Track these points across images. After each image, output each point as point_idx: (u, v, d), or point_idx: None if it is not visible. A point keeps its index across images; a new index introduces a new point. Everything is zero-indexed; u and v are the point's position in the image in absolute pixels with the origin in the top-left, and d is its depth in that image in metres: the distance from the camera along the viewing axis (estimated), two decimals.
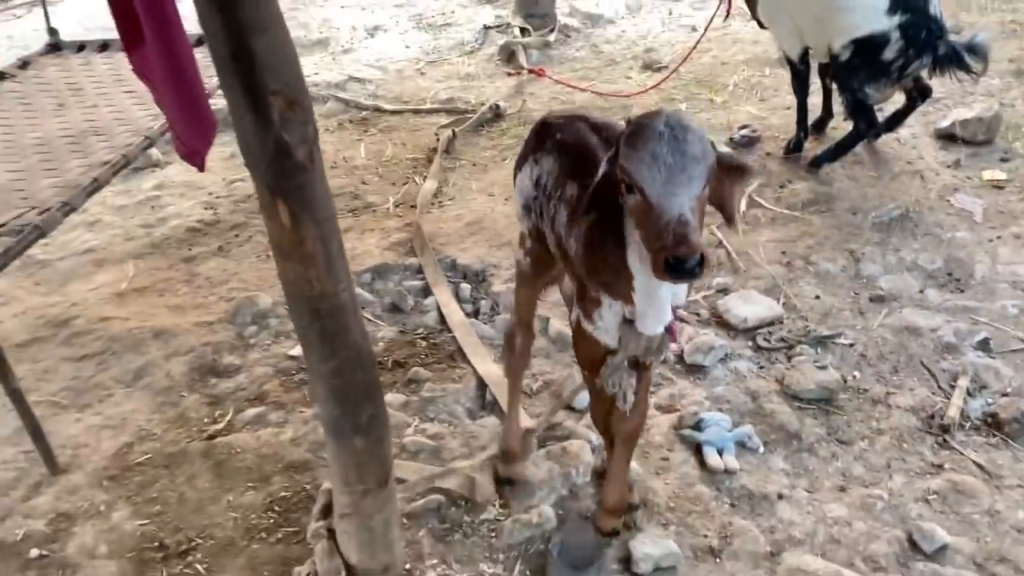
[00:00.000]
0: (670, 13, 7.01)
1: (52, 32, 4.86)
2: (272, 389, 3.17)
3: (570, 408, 2.94)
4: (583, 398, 2.91)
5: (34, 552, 2.50)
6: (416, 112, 5.63)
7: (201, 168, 1.95)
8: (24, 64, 4.64)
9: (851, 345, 3.14)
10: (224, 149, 4.75)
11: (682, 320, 3.32)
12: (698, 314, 3.38)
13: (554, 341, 3.28)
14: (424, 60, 6.59)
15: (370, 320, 3.45)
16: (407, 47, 6.87)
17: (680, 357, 3.12)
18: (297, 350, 3.36)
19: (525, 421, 2.77)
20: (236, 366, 3.30)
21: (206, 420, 3.05)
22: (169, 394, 3.18)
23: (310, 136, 1.81)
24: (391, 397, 2.97)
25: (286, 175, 1.80)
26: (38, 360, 3.37)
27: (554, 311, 3.38)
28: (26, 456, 2.88)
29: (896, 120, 4.25)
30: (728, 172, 1.80)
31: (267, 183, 1.82)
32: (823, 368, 2.99)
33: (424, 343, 3.39)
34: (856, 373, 3.02)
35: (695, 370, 3.08)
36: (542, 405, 3.00)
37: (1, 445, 2.95)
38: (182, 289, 3.87)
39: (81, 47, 4.84)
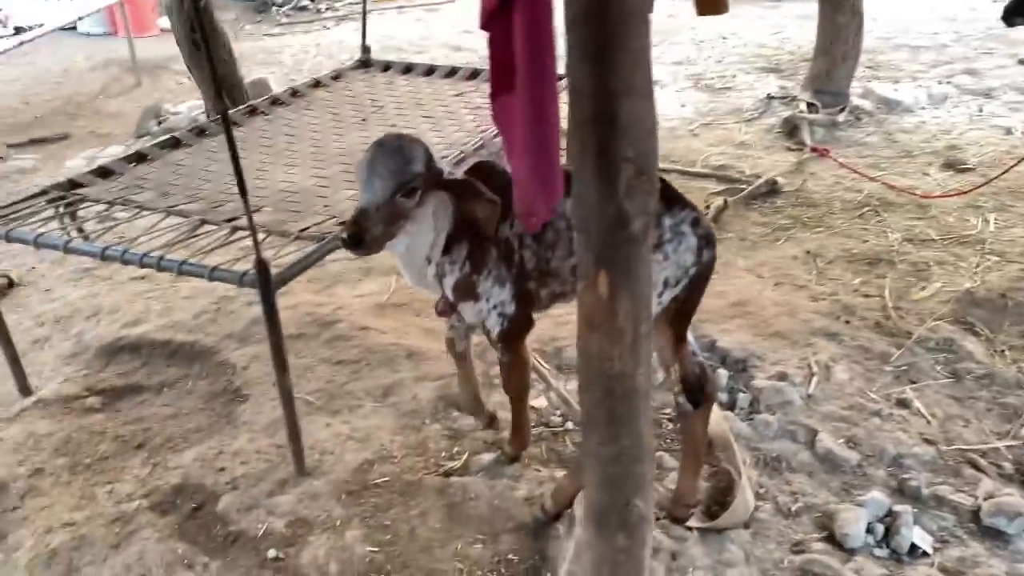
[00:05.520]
0: (980, 110, 6.33)
1: (365, 49, 5.22)
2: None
3: None
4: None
5: (271, 552, 2.55)
6: (684, 174, 5.45)
7: (531, 229, 1.88)
8: (336, 76, 5.00)
9: None
10: None
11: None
12: (1000, 466, 2.89)
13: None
14: (698, 122, 6.42)
15: None
16: (682, 106, 6.74)
17: (975, 515, 2.66)
18: (540, 402, 3.27)
19: None
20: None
21: (444, 455, 3.02)
22: (413, 418, 3.19)
23: (651, 209, 1.68)
24: None
25: (616, 245, 1.67)
26: (300, 356, 3.53)
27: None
28: (277, 451, 2.98)
29: None
30: (466, 197, 2.34)
31: (594, 251, 1.70)
32: None
33: (671, 425, 3.17)
34: None
35: (993, 535, 2.61)
36: None
37: (257, 434, 3.09)
38: None
39: (387, 67, 5.16)
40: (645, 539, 1.95)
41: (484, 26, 1.50)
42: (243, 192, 2.41)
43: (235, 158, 2.38)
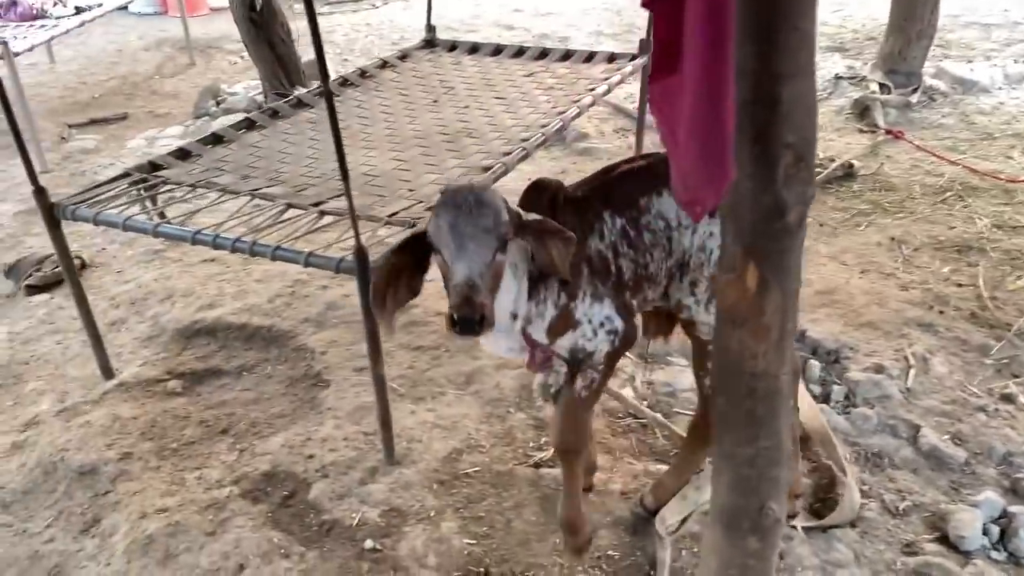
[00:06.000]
0: None
1: (430, 29, 5.12)
2: (598, 429, 3.00)
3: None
4: None
5: (368, 543, 2.51)
6: None
7: (696, 219, 1.78)
8: (403, 56, 4.93)
9: None
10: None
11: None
12: None
13: None
14: None
15: None
16: None
17: None
18: (626, 392, 3.20)
19: None
20: None
21: (531, 444, 2.96)
22: (497, 407, 3.13)
23: (808, 199, 1.58)
24: None
25: (769, 236, 1.58)
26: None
27: None
28: (365, 438, 2.94)
29: None
30: (543, 237, 1.99)
31: (742, 241, 1.61)
32: None
33: None
34: None
35: None
36: None
37: (342, 421, 3.05)
38: None
39: (453, 47, 5.07)
40: (775, 545, 1.88)
41: (647, 4, 1.41)
42: (345, 177, 2.36)
43: (338, 143, 2.32)
